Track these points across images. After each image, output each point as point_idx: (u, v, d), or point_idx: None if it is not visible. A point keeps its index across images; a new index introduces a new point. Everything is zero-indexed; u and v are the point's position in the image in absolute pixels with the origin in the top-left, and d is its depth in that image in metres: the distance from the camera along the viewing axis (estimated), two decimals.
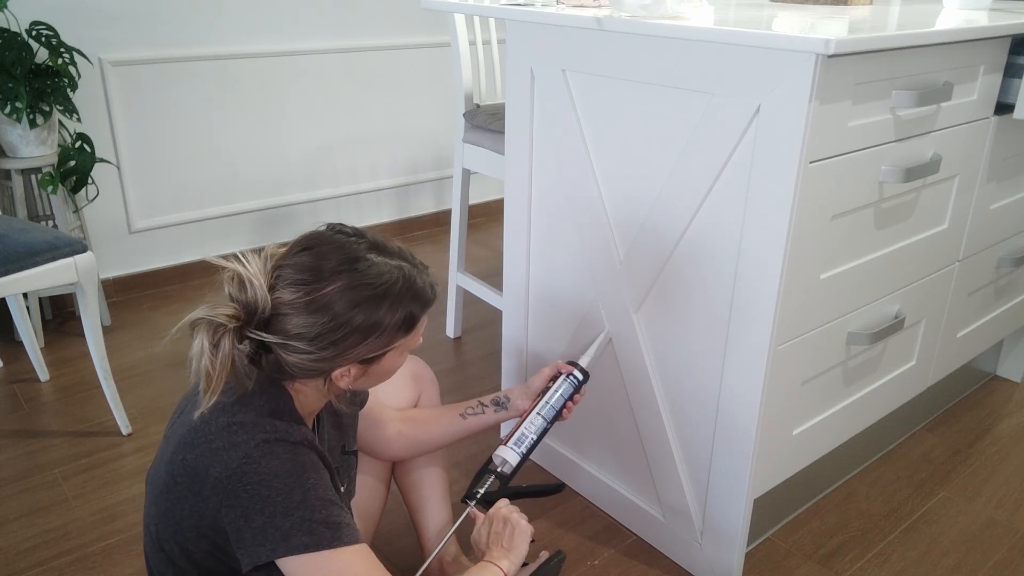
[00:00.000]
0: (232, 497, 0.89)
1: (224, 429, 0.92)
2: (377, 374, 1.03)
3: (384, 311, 0.95)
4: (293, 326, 0.93)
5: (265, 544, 0.89)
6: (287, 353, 0.94)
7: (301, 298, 0.93)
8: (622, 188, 1.38)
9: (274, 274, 0.95)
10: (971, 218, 1.57)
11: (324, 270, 0.94)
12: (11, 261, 1.59)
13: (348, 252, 0.96)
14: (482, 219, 3.45)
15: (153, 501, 0.99)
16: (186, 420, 0.98)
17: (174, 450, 0.96)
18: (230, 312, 0.92)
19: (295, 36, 2.72)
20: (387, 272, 0.96)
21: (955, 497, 1.70)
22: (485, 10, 1.52)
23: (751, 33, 1.08)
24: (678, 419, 1.41)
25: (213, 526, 0.92)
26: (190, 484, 0.92)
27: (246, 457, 0.89)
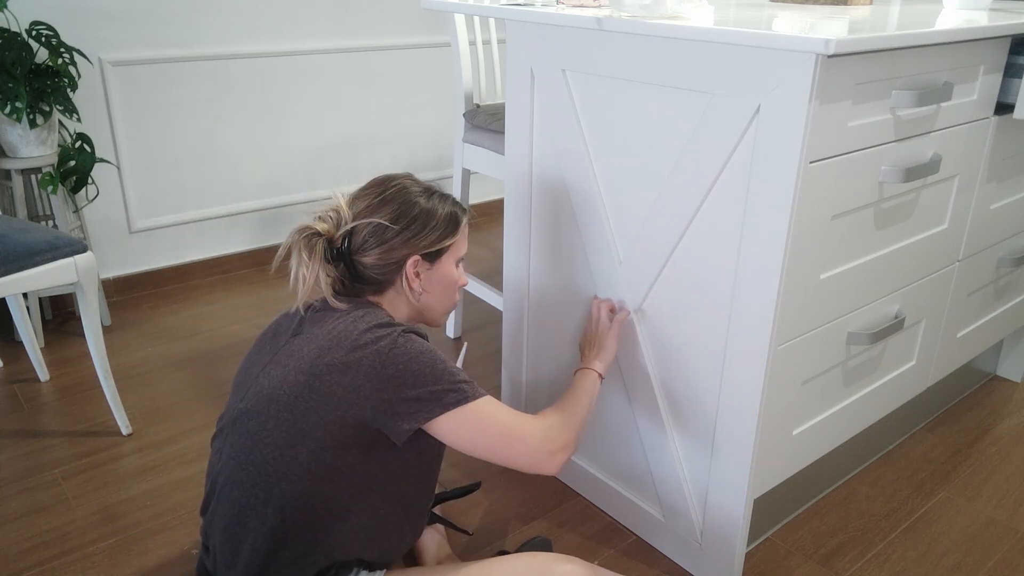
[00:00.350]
0: (387, 379, 1.06)
1: (366, 331, 1.09)
2: (440, 281, 1.24)
3: (435, 202, 1.21)
4: (366, 224, 1.16)
5: (421, 410, 1.07)
6: (366, 254, 1.16)
7: (372, 200, 1.18)
8: (622, 188, 1.38)
9: (352, 201, 1.20)
10: (971, 218, 1.57)
11: (387, 181, 1.21)
12: (11, 261, 1.59)
13: (401, 174, 1.24)
14: (482, 219, 3.45)
15: (285, 407, 1.07)
16: (310, 337, 1.12)
17: (315, 356, 1.08)
18: (317, 227, 1.16)
19: (295, 36, 2.72)
20: (430, 187, 1.24)
21: (955, 497, 1.70)
22: (485, 10, 1.52)
23: (751, 33, 1.08)
24: (678, 419, 1.41)
25: (359, 416, 1.06)
26: (340, 377, 1.06)
27: (393, 344, 1.07)
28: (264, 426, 1.08)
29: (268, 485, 1.07)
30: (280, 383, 1.09)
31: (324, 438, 1.06)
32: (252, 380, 1.15)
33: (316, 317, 1.15)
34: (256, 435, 1.09)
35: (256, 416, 1.10)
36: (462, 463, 1.78)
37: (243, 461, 1.09)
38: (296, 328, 1.16)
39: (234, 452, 1.11)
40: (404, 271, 1.19)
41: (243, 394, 1.14)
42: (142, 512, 1.61)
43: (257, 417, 1.09)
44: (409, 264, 1.18)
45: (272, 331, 1.21)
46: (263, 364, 1.15)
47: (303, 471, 1.06)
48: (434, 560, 1.42)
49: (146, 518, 1.59)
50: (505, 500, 1.66)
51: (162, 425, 1.90)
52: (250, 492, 1.08)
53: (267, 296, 2.63)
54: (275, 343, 1.17)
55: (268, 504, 1.07)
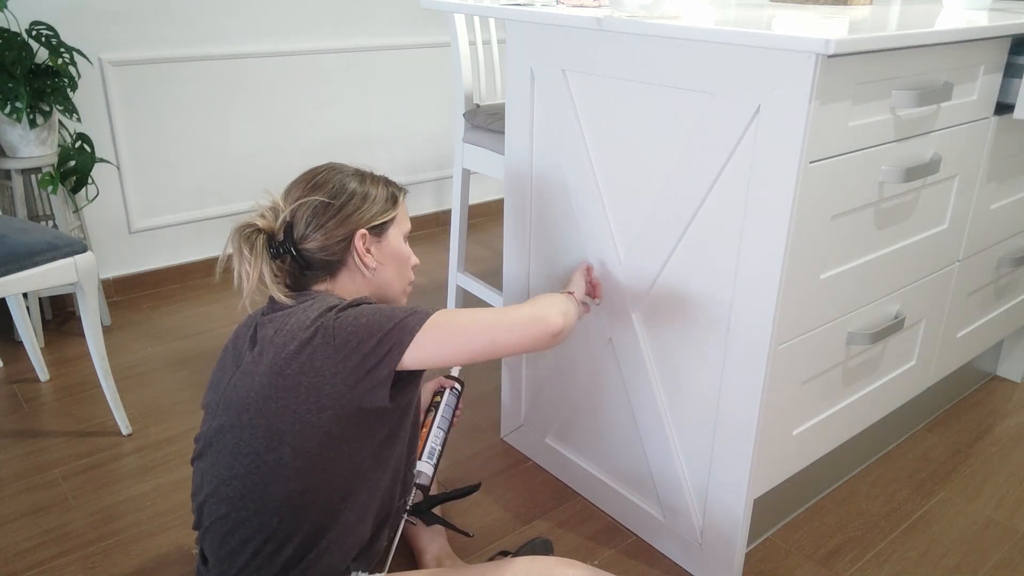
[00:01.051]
0: (343, 347, 1.04)
1: (311, 313, 1.08)
2: (392, 255, 1.22)
3: (368, 184, 1.21)
4: (304, 211, 1.16)
5: (392, 348, 1.04)
6: (308, 241, 1.15)
7: (305, 187, 1.18)
8: (622, 188, 1.38)
9: (283, 195, 1.20)
10: (971, 218, 1.57)
11: (316, 169, 1.21)
12: (11, 261, 1.59)
13: (331, 163, 1.24)
14: (482, 219, 3.45)
15: (256, 414, 1.06)
16: (266, 341, 1.10)
17: (272, 357, 1.07)
18: (257, 223, 1.15)
19: (295, 36, 2.72)
20: (363, 168, 1.25)
21: (955, 497, 1.70)
22: (485, 10, 1.52)
23: (751, 33, 1.08)
24: (678, 419, 1.41)
25: (332, 393, 1.04)
26: (300, 368, 1.04)
27: (336, 316, 1.06)
28: (241, 437, 1.07)
29: (257, 494, 1.06)
30: (247, 391, 1.08)
31: (303, 432, 1.04)
32: (221, 395, 1.13)
33: (267, 320, 1.13)
34: (235, 448, 1.07)
35: (231, 430, 1.08)
36: (462, 463, 1.78)
37: (227, 478, 1.08)
38: (252, 335, 1.14)
39: (216, 471, 1.09)
40: (353, 247, 1.18)
41: (215, 411, 1.12)
42: (142, 512, 1.61)
43: (232, 431, 1.08)
44: (357, 239, 1.17)
45: (231, 344, 1.19)
46: (228, 377, 1.13)
47: (291, 472, 1.05)
48: (434, 560, 1.42)
49: (146, 518, 1.59)
50: (505, 500, 1.66)
51: (162, 425, 1.90)
52: (240, 506, 1.07)
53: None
54: (237, 355, 1.15)
55: (261, 513, 1.06)
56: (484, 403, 2.02)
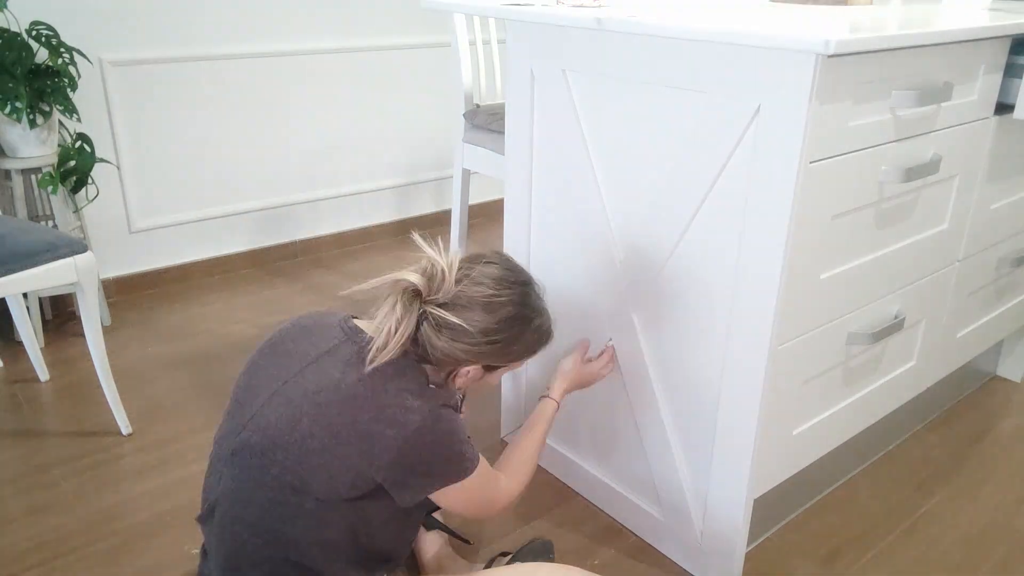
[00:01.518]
0: (404, 456, 1.03)
1: (396, 395, 1.04)
2: (483, 385, 1.21)
3: (530, 332, 1.14)
4: (466, 318, 1.08)
5: (431, 485, 1.08)
6: (442, 338, 1.09)
7: (484, 296, 1.09)
8: (622, 188, 1.38)
9: (460, 271, 1.11)
10: (971, 218, 1.57)
11: (508, 281, 1.12)
12: (11, 261, 1.59)
13: (525, 275, 1.16)
14: (482, 219, 3.45)
15: (296, 460, 1.04)
16: (329, 379, 1.06)
17: (337, 412, 1.04)
18: (421, 284, 1.09)
19: (295, 36, 2.72)
20: (543, 304, 1.18)
21: (955, 497, 1.70)
22: (485, 10, 1.52)
23: (751, 33, 1.08)
24: (678, 419, 1.41)
25: (369, 479, 1.04)
26: (360, 444, 1.02)
27: (422, 422, 1.03)
28: (269, 470, 1.05)
29: (271, 527, 1.06)
30: (290, 428, 1.04)
31: (331, 492, 1.04)
32: (258, 406, 1.08)
33: (344, 353, 1.08)
34: (260, 475, 1.05)
35: (261, 455, 1.05)
36: None
37: (245, 499, 1.07)
38: (317, 356, 1.09)
39: (236, 485, 1.08)
40: (459, 369, 1.13)
41: (247, 419, 1.09)
42: (142, 512, 1.61)
43: (262, 457, 1.05)
44: (467, 369, 1.13)
45: (287, 342, 1.13)
46: (271, 389, 1.09)
47: (309, 520, 1.05)
48: (435, 561, 1.42)
49: (146, 518, 1.59)
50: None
51: (162, 425, 1.90)
52: (252, 530, 1.06)
53: (267, 296, 2.63)
54: (288, 362, 1.10)
55: (271, 545, 1.06)
56: (484, 403, 2.02)
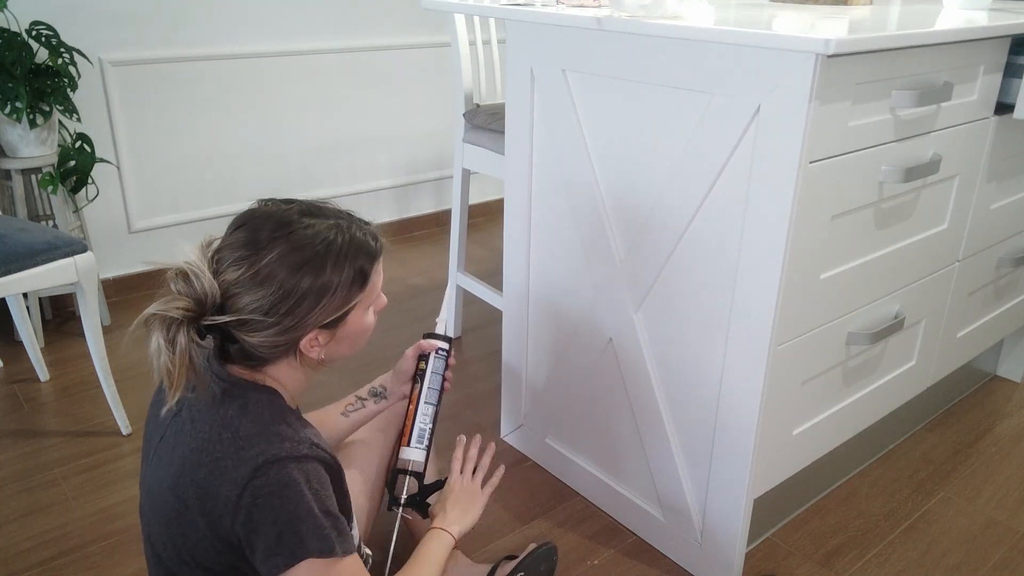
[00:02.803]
0: (244, 512, 0.90)
1: (231, 444, 0.92)
2: (349, 337, 1.02)
3: (330, 270, 0.95)
4: (245, 304, 0.93)
5: (282, 552, 0.91)
6: (249, 334, 0.94)
7: (245, 273, 0.93)
8: (622, 188, 1.38)
9: (214, 259, 0.96)
10: (971, 218, 1.57)
11: (260, 241, 0.94)
12: (11, 261, 1.59)
13: (281, 219, 0.96)
14: (482, 219, 3.45)
15: (164, 524, 0.98)
16: (182, 432, 0.97)
17: (179, 471, 0.95)
18: (182, 305, 0.91)
19: (295, 36, 2.72)
20: (324, 232, 0.96)
21: (955, 497, 1.70)
22: (485, 10, 1.52)
23: (751, 33, 1.08)
24: (678, 419, 1.41)
25: (228, 544, 0.94)
26: (201, 506, 0.93)
27: (255, 472, 0.90)
28: (158, 536, 1.00)
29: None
30: (157, 495, 0.98)
31: (207, 562, 0.96)
32: (147, 465, 1.03)
33: (190, 402, 0.97)
34: (153, 541, 1.02)
35: (148, 524, 1.02)
36: None
37: (150, 560, 1.04)
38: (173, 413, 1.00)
39: (146, 546, 1.05)
40: (298, 347, 0.98)
41: (143, 479, 1.04)
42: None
43: (148, 526, 1.02)
44: (304, 341, 0.98)
45: (158, 401, 1.05)
46: (153, 446, 1.02)
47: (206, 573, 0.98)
48: None
49: None
50: (505, 500, 1.66)
51: None
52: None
53: None
54: (157, 424, 1.03)
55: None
56: (484, 403, 2.02)
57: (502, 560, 1.42)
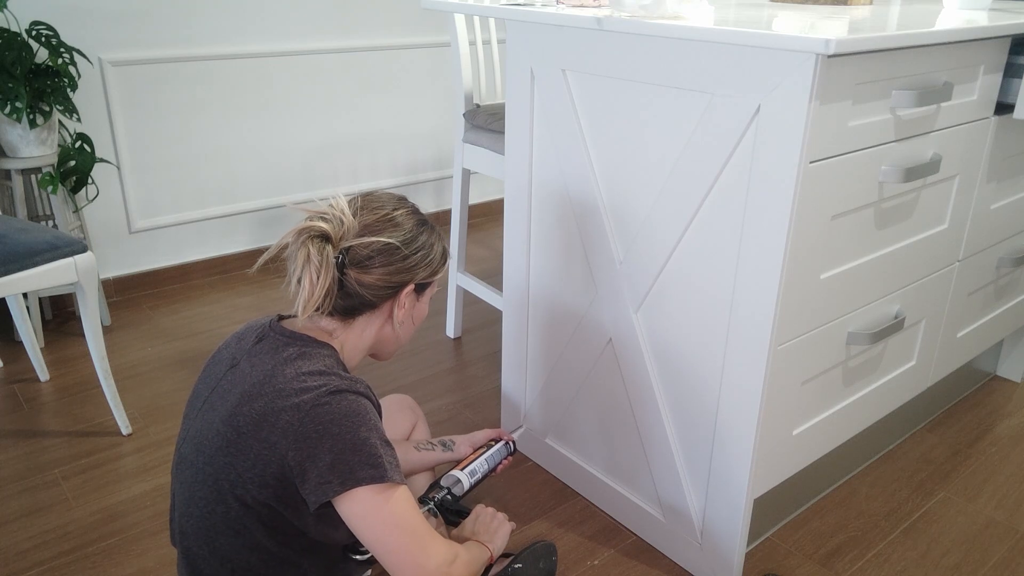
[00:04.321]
0: (302, 438, 0.95)
1: (294, 378, 0.99)
2: (418, 313, 1.20)
3: (434, 238, 1.16)
4: (376, 241, 1.08)
5: (333, 480, 0.95)
6: (373, 271, 1.08)
7: (383, 216, 1.10)
8: (622, 188, 1.38)
9: (353, 205, 1.11)
10: (971, 218, 1.57)
11: (397, 197, 1.15)
12: (11, 261, 1.59)
13: (401, 196, 1.17)
14: (482, 219, 3.45)
15: (208, 461, 1.01)
16: (241, 376, 1.04)
17: (236, 404, 1.00)
18: (326, 227, 1.05)
19: (295, 36, 2.72)
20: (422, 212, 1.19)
21: (955, 497, 1.70)
22: (485, 10, 1.52)
23: (751, 33, 1.08)
24: (678, 419, 1.41)
25: (277, 474, 0.97)
26: (256, 433, 0.97)
27: (317, 400, 0.97)
28: (196, 479, 1.03)
29: (208, 538, 1.03)
30: (206, 432, 1.03)
31: (244, 497, 0.98)
32: (192, 418, 1.08)
33: (256, 349, 1.06)
34: (191, 488, 1.04)
35: (190, 467, 1.05)
36: None
37: (186, 513, 1.06)
38: (233, 358, 1.07)
39: (181, 501, 1.07)
40: (398, 297, 1.12)
41: (185, 434, 1.09)
42: (142, 512, 1.61)
43: (190, 468, 1.04)
44: (404, 291, 1.12)
45: (221, 351, 1.12)
46: (202, 400, 1.08)
47: (238, 526, 1.01)
48: None
49: (146, 518, 1.59)
50: (505, 500, 1.66)
51: (162, 425, 1.90)
52: (198, 542, 1.05)
53: (267, 296, 2.63)
54: (217, 370, 1.09)
55: (213, 556, 1.04)
56: (484, 403, 2.02)
57: (498, 558, 1.42)
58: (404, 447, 1.42)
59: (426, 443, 1.46)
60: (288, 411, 0.96)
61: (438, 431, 1.90)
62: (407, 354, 2.26)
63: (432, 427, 1.92)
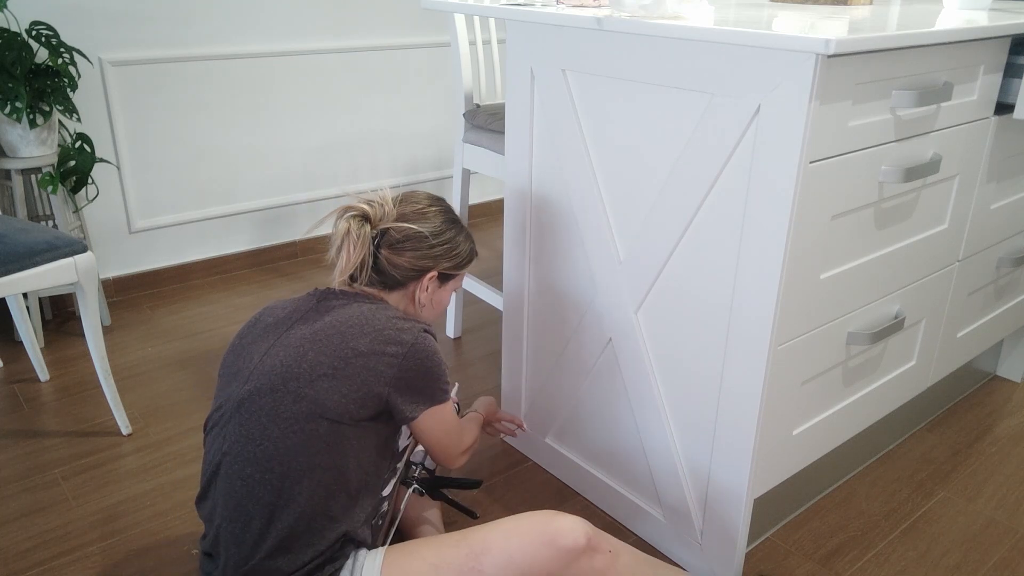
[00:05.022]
0: (407, 369, 1.16)
1: (389, 321, 1.19)
2: (439, 300, 1.36)
3: (463, 236, 1.35)
4: (410, 227, 1.27)
5: (423, 400, 1.20)
6: (399, 253, 1.27)
7: (420, 208, 1.31)
8: (622, 188, 1.38)
9: (394, 196, 1.31)
10: (971, 218, 1.57)
11: (433, 198, 1.35)
12: (11, 261, 1.59)
13: (439, 198, 1.37)
14: (482, 219, 3.45)
15: (302, 386, 1.13)
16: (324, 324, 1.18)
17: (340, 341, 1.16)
18: (367, 210, 1.26)
19: (295, 36, 2.72)
20: (456, 213, 1.38)
21: (955, 497, 1.70)
22: (485, 10, 1.52)
23: (751, 33, 1.08)
24: (678, 419, 1.41)
25: (379, 394, 1.15)
26: (366, 362, 1.14)
27: (415, 340, 1.18)
28: (282, 402, 1.12)
29: (287, 458, 1.10)
30: (297, 362, 1.14)
31: (343, 414, 1.12)
32: (255, 364, 1.17)
33: (327, 307, 1.22)
34: (272, 411, 1.12)
35: (270, 393, 1.12)
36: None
37: (257, 438, 1.11)
38: (303, 316, 1.22)
39: (245, 431, 1.12)
40: (421, 280, 1.30)
41: (246, 377, 1.16)
42: (142, 512, 1.61)
43: (272, 394, 1.12)
44: (428, 276, 1.30)
45: (266, 318, 1.25)
46: (263, 350, 1.18)
47: (322, 444, 1.11)
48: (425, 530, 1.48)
49: (146, 518, 1.59)
50: (505, 500, 1.66)
51: (162, 425, 1.90)
52: (266, 467, 1.10)
53: (267, 296, 2.63)
54: (274, 329, 1.21)
55: (287, 478, 1.09)
56: None
57: None
58: None
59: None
60: (394, 346, 1.16)
61: None
62: None
63: None
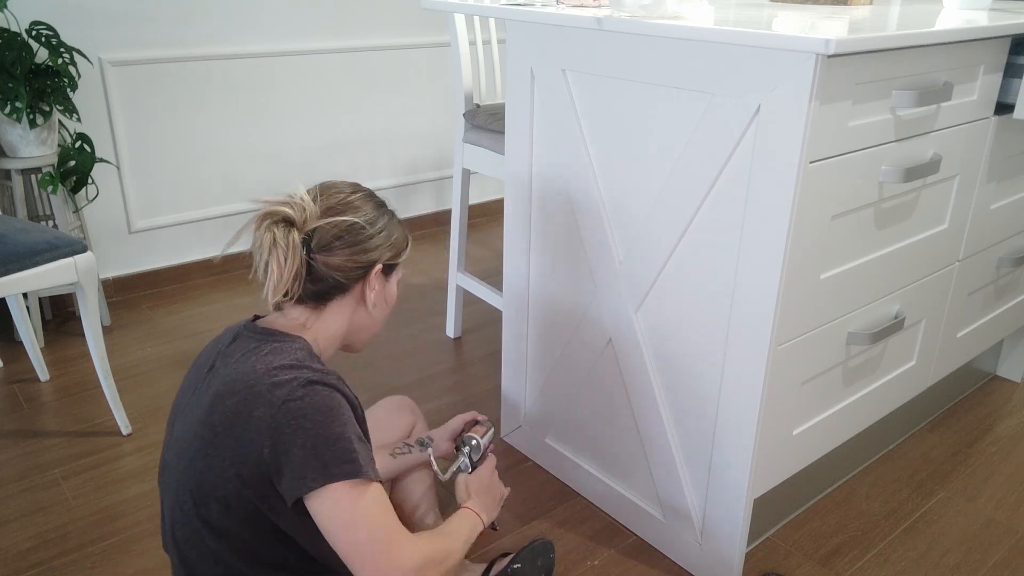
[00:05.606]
0: (276, 433, 0.94)
1: (265, 373, 0.98)
2: (388, 296, 1.19)
3: (395, 221, 1.17)
4: (338, 223, 1.08)
5: (307, 475, 0.94)
6: (338, 252, 1.08)
7: (344, 199, 1.11)
8: (622, 188, 1.38)
9: (311, 192, 1.11)
10: (971, 218, 1.57)
11: (348, 186, 1.14)
12: (11, 261, 1.59)
13: (356, 184, 1.18)
14: (482, 219, 3.45)
15: (188, 465, 1.00)
16: (216, 377, 1.04)
17: (212, 404, 1.00)
18: (288, 212, 1.06)
19: (295, 36, 2.72)
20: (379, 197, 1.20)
21: (955, 497, 1.70)
22: (485, 10, 1.52)
23: (751, 33, 1.08)
24: (678, 419, 1.41)
25: (255, 472, 0.96)
26: (231, 429, 0.96)
27: (289, 395, 0.96)
28: (179, 484, 1.02)
29: (196, 541, 1.02)
30: (185, 436, 1.02)
31: (227, 498, 0.98)
32: (173, 425, 1.09)
33: (230, 349, 1.06)
34: (176, 494, 1.03)
35: (172, 470, 1.05)
36: None
37: (172, 519, 1.05)
38: (211, 362, 1.08)
39: (167, 508, 1.07)
40: (368, 278, 1.12)
41: (167, 440, 1.09)
42: (142, 512, 1.61)
43: (173, 472, 1.04)
44: (373, 272, 1.12)
45: (200, 356, 1.13)
46: (182, 406, 1.08)
47: (221, 529, 1.00)
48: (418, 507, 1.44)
49: (146, 518, 1.59)
50: (505, 500, 1.66)
51: (162, 425, 1.90)
52: (185, 548, 1.04)
53: None
54: (195, 378, 1.10)
55: (204, 560, 1.03)
56: (484, 403, 2.02)
57: (497, 558, 1.42)
58: (380, 455, 1.40)
59: (402, 447, 1.43)
60: (261, 407, 0.95)
61: None
62: (407, 354, 2.26)
63: (432, 428, 1.92)
